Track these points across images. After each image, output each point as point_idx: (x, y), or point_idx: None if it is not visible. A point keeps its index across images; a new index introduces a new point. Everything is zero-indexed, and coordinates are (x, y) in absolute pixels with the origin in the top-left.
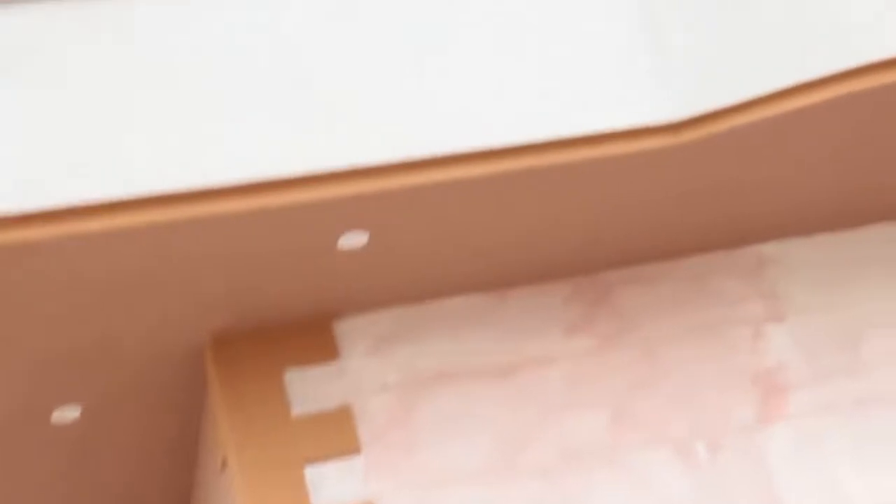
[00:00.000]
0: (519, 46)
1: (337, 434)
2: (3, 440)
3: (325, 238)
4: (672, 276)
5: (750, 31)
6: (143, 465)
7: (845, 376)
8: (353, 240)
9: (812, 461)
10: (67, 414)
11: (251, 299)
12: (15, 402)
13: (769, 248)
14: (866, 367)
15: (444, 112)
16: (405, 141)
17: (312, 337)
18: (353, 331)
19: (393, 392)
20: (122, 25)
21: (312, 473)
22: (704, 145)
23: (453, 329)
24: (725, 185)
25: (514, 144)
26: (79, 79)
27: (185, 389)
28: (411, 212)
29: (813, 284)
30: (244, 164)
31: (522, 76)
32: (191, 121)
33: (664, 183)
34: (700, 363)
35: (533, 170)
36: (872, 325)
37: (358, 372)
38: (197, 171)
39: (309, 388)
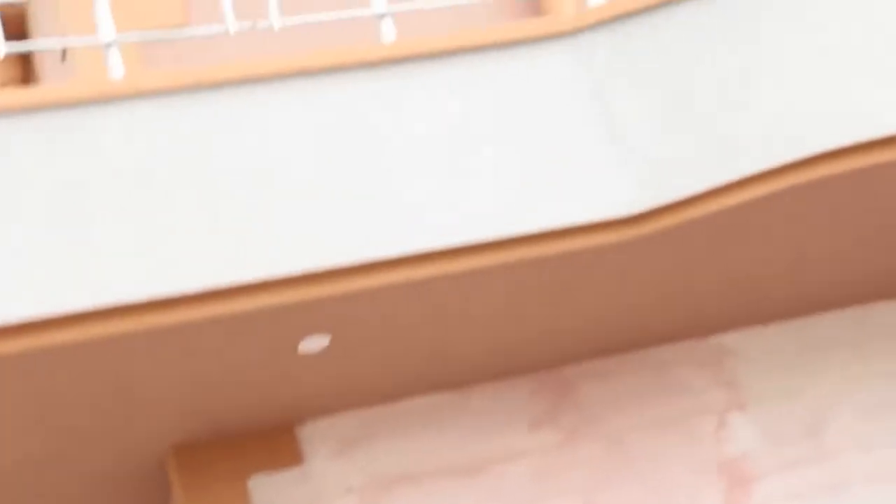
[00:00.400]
0: (475, 146)
1: None
2: None
3: (286, 343)
4: (634, 369)
5: (706, 123)
6: None
7: (810, 463)
8: (314, 343)
9: None
10: None
11: (213, 407)
12: None
13: (729, 338)
14: (830, 452)
15: (401, 213)
16: (363, 243)
17: (275, 442)
18: (315, 434)
19: (358, 495)
20: (82, 136)
21: None
22: (665, 236)
23: (417, 429)
24: (685, 274)
25: (473, 242)
26: (37, 190)
27: (147, 498)
28: (371, 314)
29: (774, 372)
30: (202, 272)
31: (481, 175)
32: (147, 230)
33: (625, 274)
34: (665, 454)
35: (493, 267)
36: (834, 410)
37: (322, 476)
38: (154, 281)
39: (273, 494)
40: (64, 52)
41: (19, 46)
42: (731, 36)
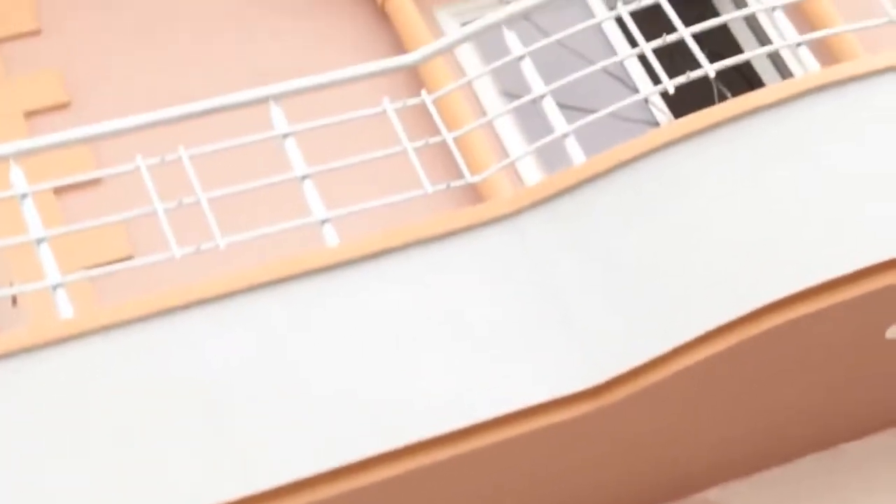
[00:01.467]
0: (426, 337)
1: None
2: None
3: None
4: None
5: (648, 290)
6: None
7: None
8: None
9: None
10: None
11: None
12: None
13: (713, 494)
14: None
15: (359, 414)
16: (323, 450)
17: None
18: None
19: None
20: (33, 380)
21: None
22: (624, 405)
23: None
24: (654, 438)
25: (437, 435)
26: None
27: None
28: None
29: None
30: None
31: (435, 366)
32: (113, 465)
33: (595, 443)
34: None
35: (461, 456)
36: None
37: None
38: None
39: None
40: (14, 298)
41: None
42: (661, 201)
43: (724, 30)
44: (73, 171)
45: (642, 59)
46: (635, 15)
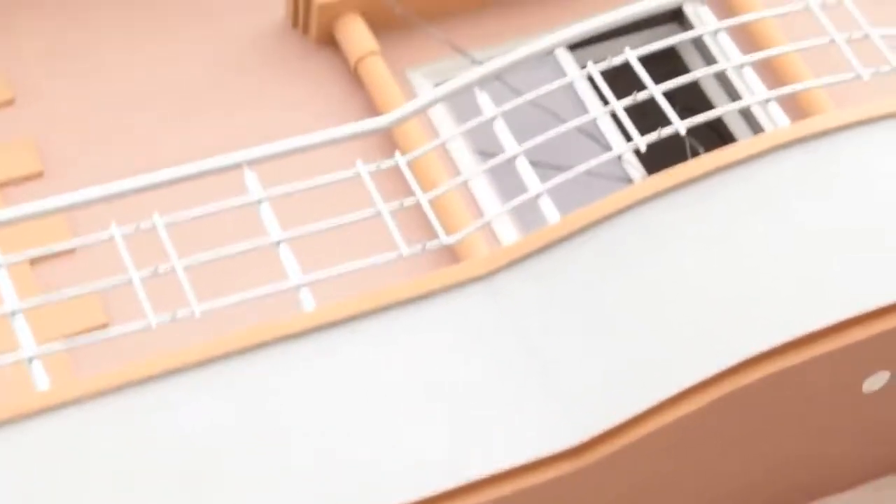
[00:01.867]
0: (407, 400)
1: None
2: None
3: None
4: None
5: (628, 346)
6: None
7: None
8: None
9: None
10: None
11: None
12: None
13: None
14: None
15: (339, 478)
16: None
17: None
18: None
19: None
20: (12, 453)
21: None
22: (608, 462)
23: None
24: (631, 496)
25: (418, 498)
26: None
27: None
28: None
29: None
30: None
31: (416, 429)
32: None
33: (578, 502)
34: None
35: None
36: None
37: None
38: None
39: None
40: None
41: None
42: (636, 257)
43: (694, 85)
44: (48, 241)
45: (615, 115)
46: (608, 72)
